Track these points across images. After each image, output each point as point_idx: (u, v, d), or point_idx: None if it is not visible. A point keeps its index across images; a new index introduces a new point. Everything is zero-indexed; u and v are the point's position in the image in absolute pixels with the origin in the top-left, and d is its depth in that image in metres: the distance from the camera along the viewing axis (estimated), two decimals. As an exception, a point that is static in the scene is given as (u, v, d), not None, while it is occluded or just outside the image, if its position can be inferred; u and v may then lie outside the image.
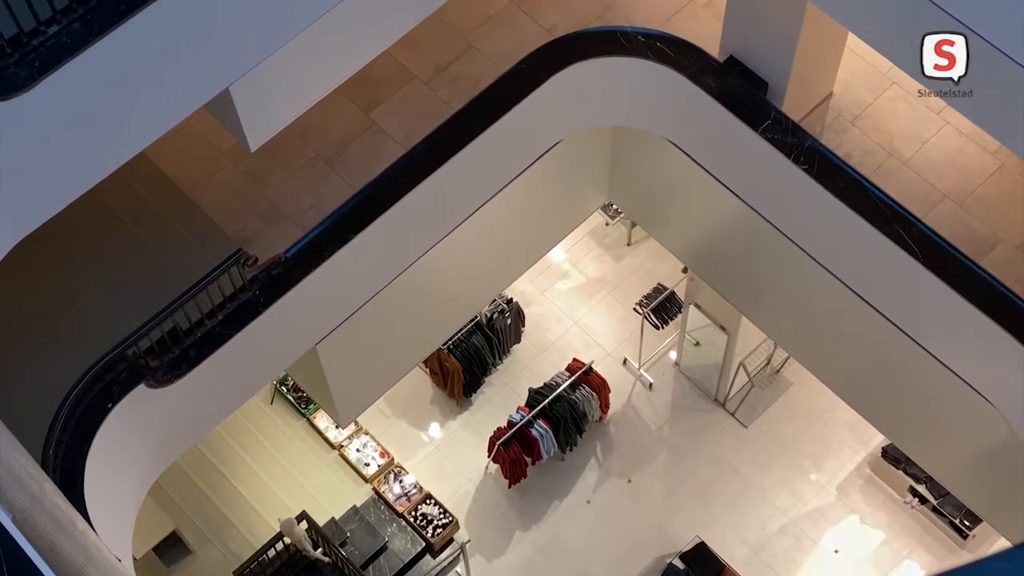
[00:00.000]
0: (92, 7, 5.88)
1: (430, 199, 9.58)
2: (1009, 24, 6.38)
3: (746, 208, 10.03)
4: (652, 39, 9.69)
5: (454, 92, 9.78)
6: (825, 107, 9.83)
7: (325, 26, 7.13)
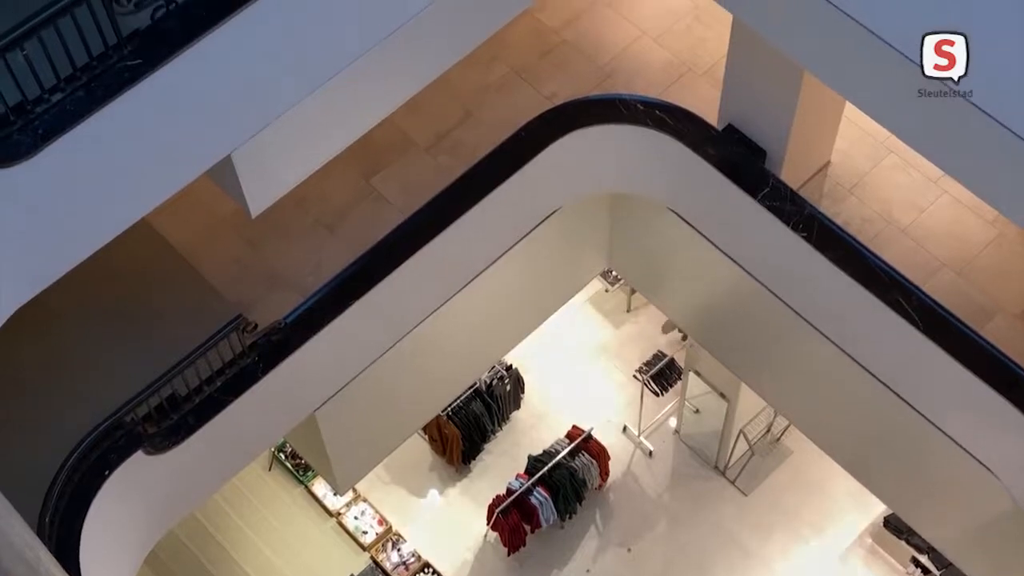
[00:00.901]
0: (96, 75, 5.93)
1: (430, 266, 9.60)
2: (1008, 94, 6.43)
3: (745, 275, 10.05)
4: (651, 107, 9.76)
5: (454, 159, 9.84)
6: (823, 175, 9.89)
7: (327, 93, 7.19)
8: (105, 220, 6.50)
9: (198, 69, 6.23)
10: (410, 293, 9.76)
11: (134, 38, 6.02)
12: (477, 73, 10.16)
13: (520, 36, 10.34)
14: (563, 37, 10.41)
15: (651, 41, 10.38)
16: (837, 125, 9.70)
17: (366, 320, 9.50)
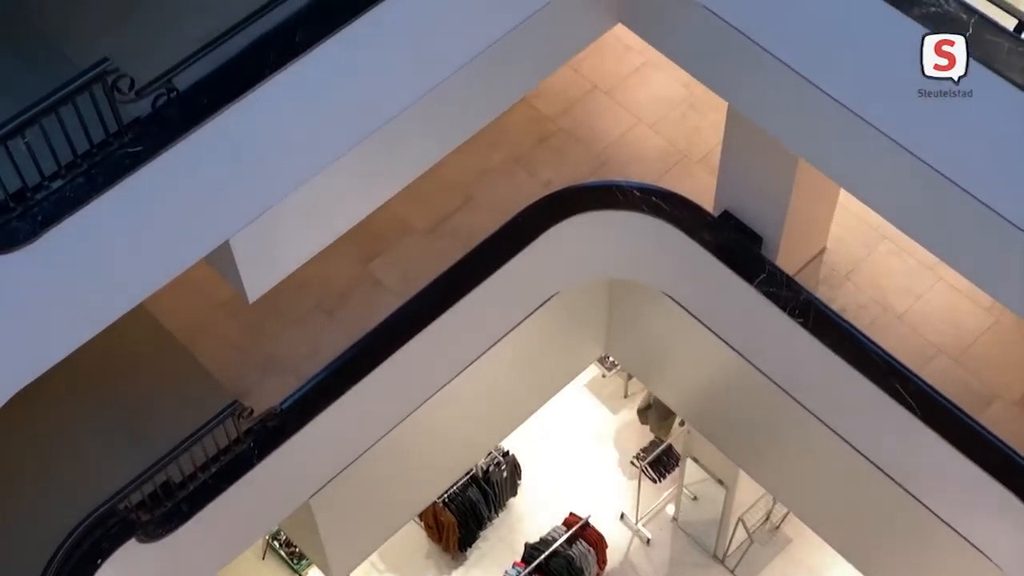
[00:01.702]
0: (97, 162, 5.97)
1: (427, 351, 9.59)
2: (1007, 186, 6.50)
3: (742, 361, 10.04)
4: (647, 193, 9.83)
5: (452, 244, 9.88)
6: (819, 262, 9.93)
7: (327, 178, 7.24)
8: (103, 306, 6.50)
9: (198, 155, 6.28)
10: (407, 378, 9.74)
11: (135, 125, 6.08)
12: (475, 159, 10.24)
13: (517, 123, 10.45)
14: (559, 125, 10.52)
15: (647, 128, 10.49)
16: (832, 211, 9.76)
17: (363, 405, 9.47)
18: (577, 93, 10.70)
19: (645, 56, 10.81)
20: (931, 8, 6.33)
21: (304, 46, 6.39)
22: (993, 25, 6.24)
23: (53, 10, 6.80)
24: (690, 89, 10.62)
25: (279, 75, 6.35)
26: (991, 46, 6.18)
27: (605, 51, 10.84)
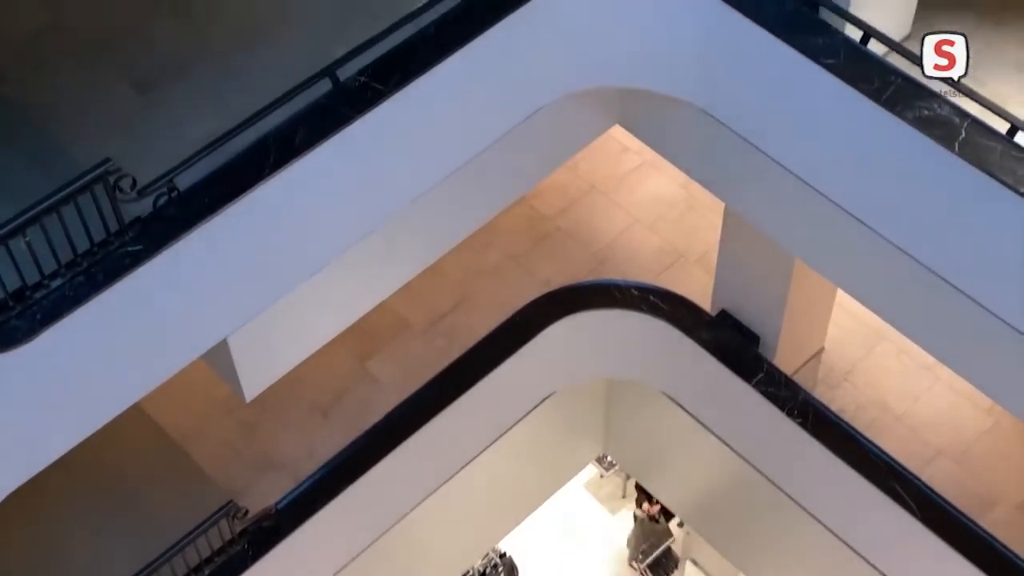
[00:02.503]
0: (97, 261, 5.99)
1: (424, 451, 9.53)
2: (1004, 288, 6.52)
3: (742, 462, 9.98)
4: (645, 292, 9.85)
5: (450, 343, 9.88)
6: (817, 361, 9.92)
7: (325, 277, 7.25)
8: (100, 405, 6.47)
9: (198, 254, 6.30)
10: (403, 479, 9.67)
11: (136, 224, 6.11)
12: (473, 258, 10.29)
13: (515, 222, 10.51)
14: (557, 224, 10.59)
15: (644, 228, 10.55)
16: (830, 311, 9.78)
17: (359, 506, 9.38)
18: (575, 193, 10.79)
19: (643, 156, 10.92)
20: (924, 112, 6.41)
21: (303, 147, 6.45)
22: (986, 129, 6.31)
23: (57, 111, 6.88)
24: (687, 189, 10.70)
25: (279, 175, 6.40)
26: (985, 150, 6.25)
27: (603, 151, 10.95)
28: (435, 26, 6.82)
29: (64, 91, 6.94)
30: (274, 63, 7.01)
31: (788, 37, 6.77)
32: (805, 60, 6.72)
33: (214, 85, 6.96)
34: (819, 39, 6.73)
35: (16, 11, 7.25)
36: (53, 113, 6.86)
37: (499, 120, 7.47)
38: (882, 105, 6.46)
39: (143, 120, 6.83)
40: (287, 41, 7.13)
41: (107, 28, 7.19)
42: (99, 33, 7.17)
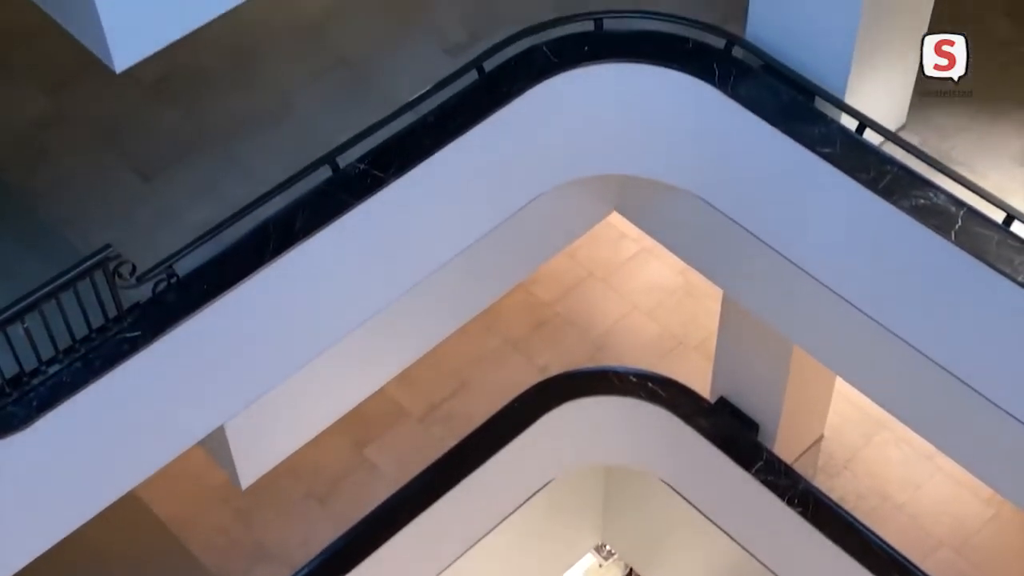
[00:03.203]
0: (95, 347, 5.98)
1: (421, 539, 9.44)
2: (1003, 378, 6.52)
3: (742, 551, 9.88)
4: (644, 379, 9.83)
5: (447, 430, 9.84)
6: (817, 450, 9.87)
7: (322, 363, 7.24)
8: (96, 492, 6.42)
9: (197, 340, 6.30)
10: (400, 568, 9.56)
11: (134, 310, 6.11)
12: (471, 344, 10.28)
13: (514, 308, 10.53)
14: (556, 310, 10.60)
15: (643, 315, 10.56)
16: (829, 399, 9.76)
17: (355, 595, 9.28)
18: (574, 279, 10.82)
19: (641, 243, 10.97)
20: (921, 201, 6.45)
21: (303, 233, 6.48)
22: (983, 218, 6.35)
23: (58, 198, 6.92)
24: (685, 276, 10.74)
25: (279, 260, 6.42)
26: (981, 239, 6.28)
27: (601, 238, 11.00)
28: (434, 114, 6.89)
29: (65, 178, 7.00)
30: (274, 151, 7.08)
31: (784, 127, 6.83)
32: (802, 149, 6.78)
33: (215, 172, 7.02)
34: (815, 129, 6.79)
35: (21, 100, 7.34)
36: (54, 200, 6.90)
37: (498, 207, 7.51)
38: (879, 194, 6.51)
39: (144, 206, 6.87)
40: (287, 129, 7.20)
41: (109, 116, 7.27)
42: (101, 121, 7.24)
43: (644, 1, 7.60)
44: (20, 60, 7.50)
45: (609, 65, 7.20)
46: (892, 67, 7.06)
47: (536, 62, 7.11)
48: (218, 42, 7.44)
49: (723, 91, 6.99)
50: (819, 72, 6.91)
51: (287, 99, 7.35)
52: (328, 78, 7.43)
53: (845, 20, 6.62)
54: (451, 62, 7.34)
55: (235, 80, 7.43)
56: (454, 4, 7.73)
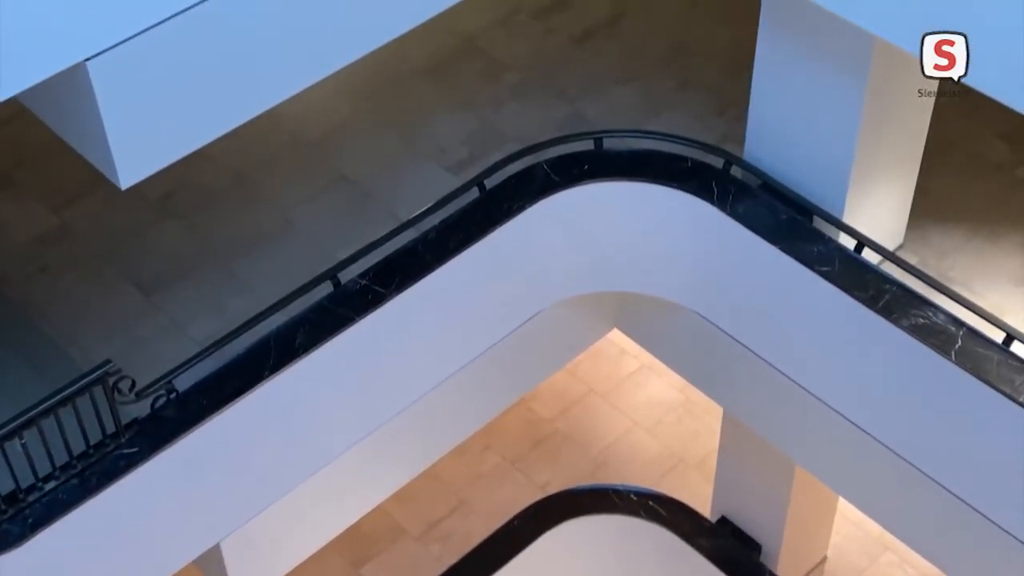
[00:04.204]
0: (92, 463, 5.95)
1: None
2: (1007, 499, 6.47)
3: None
4: (644, 498, 9.74)
5: (446, 549, 9.72)
6: (820, 571, 9.75)
7: (318, 480, 7.19)
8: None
9: (194, 457, 6.26)
10: None
11: (132, 426, 6.09)
12: (470, 462, 10.22)
13: (513, 425, 10.49)
14: (556, 427, 10.55)
15: (643, 432, 10.52)
16: (832, 519, 9.66)
17: None
18: (574, 395, 10.79)
19: (641, 360, 10.97)
20: (920, 320, 6.47)
21: (304, 349, 6.49)
22: (982, 338, 6.36)
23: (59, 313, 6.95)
24: (686, 393, 10.71)
25: (278, 376, 6.42)
26: (981, 358, 6.28)
27: (601, 354, 11.00)
28: (436, 231, 6.94)
29: (67, 293, 7.03)
30: (276, 266, 7.12)
31: (783, 245, 6.88)
32: (801, 268, 6.82)
33: (216, 287, 7.05)
34: (814, 247, 6.84)
35: (27, 216, 7.41)
36: (55, 315, 6.93)
37: (499, 323, 7.53)
38: (878, 312, 6.53)
39: (145, 321, 6.89)
40: (289, 245, 7.26)
41: (112, 232, 7.33)
42: (104, 236, 7.31)
43: (643, 120, 7.72)
44: (28, 177, 7.59)
45: (609, 183, 7.28)
46: (889, 188, 7.14)
47: (537, 180, 7.19)
48: (222, 158, 7.54)
49: (722, 209, 7.06)
50: (817, 191, 6.99)
51: (289, 215, 7.42)
52: (330, 194, 7.51)
53: (842, 142, 6.72)
54: (452, 179, 7.43)
55: (238, 196, 7.51)
56: (455, 122, 7.85)
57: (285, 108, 6.26)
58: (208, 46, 5.00)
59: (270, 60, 5.28)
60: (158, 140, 5.15)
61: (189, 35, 4.88)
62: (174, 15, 4.79)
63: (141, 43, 4.75)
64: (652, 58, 8.12)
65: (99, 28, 4.61)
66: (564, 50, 8.21)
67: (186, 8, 4.80)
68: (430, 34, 7.28)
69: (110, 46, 4.68)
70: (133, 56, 4.76)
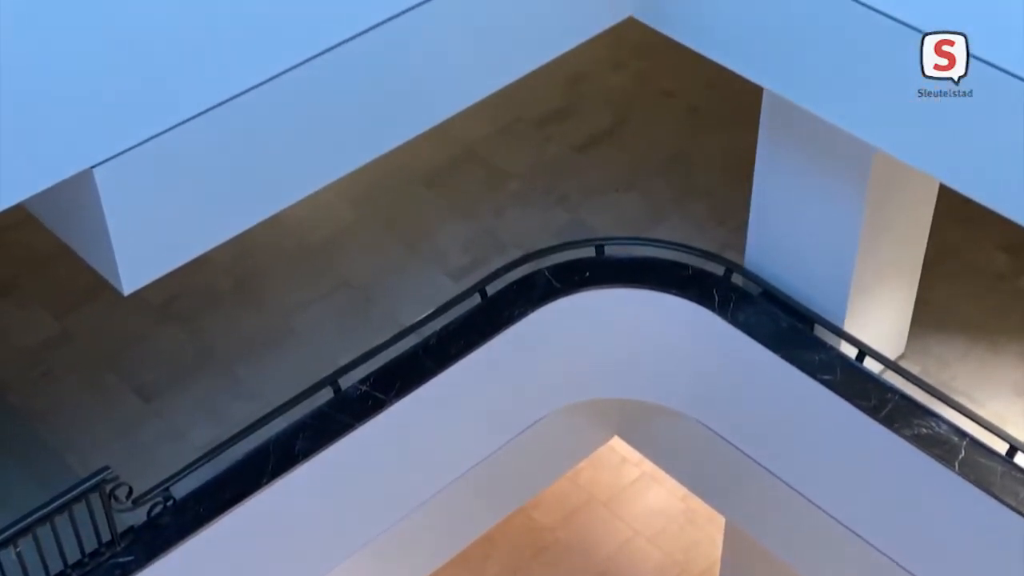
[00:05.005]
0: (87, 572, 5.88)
1: None
2: None
3: None
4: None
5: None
6: None
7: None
8: None
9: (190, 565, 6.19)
10: None
11: (128, 534, 6.03)
12: (470, 571, 10.09)
13: (514, 533, 10.37)
14: (557, 535, 10.44)
15: (645, 541, 10.40)
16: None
17: None
18: (575, 503, 10.69)
19: (642, 468, 10.89)
20: (923, 430, 6.44)
21: (303, 455, 6.45)
22: (985, 448, 6.32)
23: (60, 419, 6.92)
24: (687, 502, 10.61)
25: (277, 483, 6.37)
26: (985, 469, 6.24)
27: (602, 462, 10.93)
28: (437, 337, 6.95)
29: (68, 398, 7.02)
30: (277, 372, 7.11)
31: (784, 353, 6.88)
32: (802, 376, 6.81)
33: (217, 393, 7.04)
34: (815, 355, 6.84)
35: (30, 322, 7.42)
36: (55, 420, 6.91)
37: (499, 431, 7.50)
38: (881, 422, 6.50)
39: (144, 427, 6.87)
40: (290, 350, 7.26)
41: (113, 337, 7.34)
42: (105, 342, 7.31)
43: (644, 228, 7.77)
44: (32, 283, 7.62)
45: (610, 290, 7.31)
46: (890, 296, 7.16)
47: (538, 286, 7.21)
48: (225, 262, 7.58)
49: (723, 317, 7.07)
50: (818, 299, 7.01)
51: (291, 319, 7.43)
52: (332, 299, 7.53)
53: (843, 250, 6.75)
54: (454, 285, 7.45)
55: (240, 301, 7.53)
56: (457, 228, 7.90)
57: (288, 213, 6.31)
58: (213, 153, 5.05)
59: (274, 167, 5.33)
60: (161, 246, 5.17)
61: (194, 143, 4.93)
62: (179, 124, 4.85)
63: (147, 150, 4.80)
64: (652, 166, 8.20)
65: (106, 135, 4.66)
66: (565, 158, 8.30)
67: (191, 117, 4.86)
68: (432, 141, 7.38)
69: (117, 153, 4.72)
70: (139, 163, 4.80)
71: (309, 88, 5.17)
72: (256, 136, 5.15)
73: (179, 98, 4.79)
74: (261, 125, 5.13)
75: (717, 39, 5.97)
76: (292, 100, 5.14)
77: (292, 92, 5.11)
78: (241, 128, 5.06)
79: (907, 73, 5.24)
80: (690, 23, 6.04)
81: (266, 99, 5.04)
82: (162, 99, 4.74)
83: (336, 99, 5.33)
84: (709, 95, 8.61)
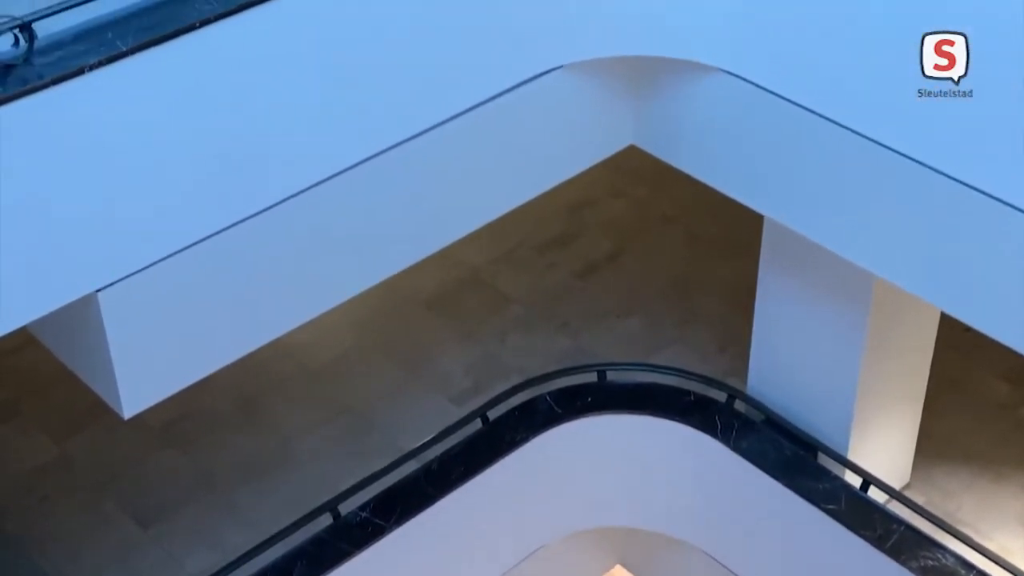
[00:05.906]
0: None
1: None
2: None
3: None
4: None
5: None
6: None
7: None
8: None
9: None
10: None
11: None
12: None
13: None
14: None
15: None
16: None
17: None
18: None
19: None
20: (929, 561, 6.35)
21: (302, 583, 6.36)
22: (993, 583, 6.24)
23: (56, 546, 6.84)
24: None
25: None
26: (992, 603, 6.16)
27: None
28: (438, 462, 6.90)
29: (65, 525, 6.94)
30: (275, 497, 7.05)
31: (788, 481, 6.82)
32: (807, 505, 6.74)
33: (214, 519, 6.97)
34: (819, 484, 6.78)
35: (29, 447, 7.38)
36: (52, 547, 6.82)
37: (500, 559, 7.40)
38: (886, 553, 6.42)
39: (141, 554, 6.79)
40: (289, 475, 7.20)
41: (112, 462, 7.29)
42: (104, 466, 7.26)
43: (646, 354, 7.77)
44: (33, 406, 7.60)
45: (612, 416, 7.28)
46: (893, 424, 7.13)
47: (540, 412, 7.19)
48: (226, 385, 7.55)
49: (726, 444, 7.03)
50: (821, 427, 6.97)
51: (291, 444, 7.39)
52: (332, 424, 7.50)
53: (845, 378, 6.74)
54: (455, 410, 7.43)
55: (240, 425, 7.50)
56: (459, 353, 7.90)
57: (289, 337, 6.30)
58: (217, 278, 5.07)
59: (276, 292, 5.35)
60: (163, 370, 5.16)
61: (198, 268, 4.95)
62: (183, 248, 4.88)
63: (152, 274, 4.82)
64: (653, 292, 8.23)
65: (111, 259, 4.69)
66: (566, 284, 8.34)
67: (195, 242, 4.90)
68: (435, 266, 7.42)
69: (121, 277, 4.75)
70: (143, 287, 4.81)
71: (312, 215, 5.22)
72: (258, 261, 5.18)
73: (183, 224, 4.83)
74: (263, 250, 5.16)
75: (717, 166, 6.04)
76: (295, 226, 5.19)
77: (294, 219, 5.16)
78: (244, 253, 5.09)
79: (907, 201, 5.29)
80: (690, 151, 6.12)
81: (268, 226, 5.08)
82: (166, 225, 4.78)
83: (340, 225, 5.37)
84: (710, 221, 8.69)
